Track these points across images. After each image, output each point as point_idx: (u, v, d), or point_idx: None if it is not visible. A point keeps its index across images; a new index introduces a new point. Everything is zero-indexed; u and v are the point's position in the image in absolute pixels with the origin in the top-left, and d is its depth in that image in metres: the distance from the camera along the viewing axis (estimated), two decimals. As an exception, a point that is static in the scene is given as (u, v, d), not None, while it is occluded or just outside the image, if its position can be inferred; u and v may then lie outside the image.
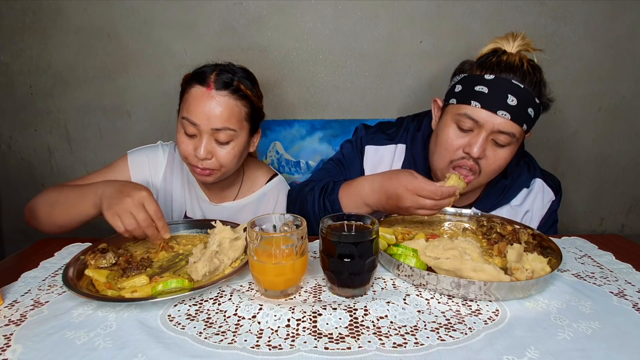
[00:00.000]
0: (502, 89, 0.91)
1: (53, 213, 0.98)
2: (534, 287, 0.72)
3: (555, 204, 1.12)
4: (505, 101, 0.90)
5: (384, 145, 1.15)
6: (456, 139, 0.97)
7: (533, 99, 0.92)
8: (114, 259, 0.82)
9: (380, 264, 0.82)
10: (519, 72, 0.91)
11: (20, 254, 0.94)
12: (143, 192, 0.85)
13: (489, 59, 0.95)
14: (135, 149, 1.16)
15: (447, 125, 0.99)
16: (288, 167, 1.68)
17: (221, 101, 0.98)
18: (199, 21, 1.54)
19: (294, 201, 1.13)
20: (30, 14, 1.54)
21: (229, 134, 1.00)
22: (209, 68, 1.02)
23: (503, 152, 0.96)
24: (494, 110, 0.91)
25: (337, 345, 0.60)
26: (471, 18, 1.55)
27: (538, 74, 0.94)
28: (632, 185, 1.77)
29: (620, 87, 1.64)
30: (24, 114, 1.65)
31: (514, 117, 0.91)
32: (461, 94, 0.96)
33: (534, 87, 0.92)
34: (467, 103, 0.94)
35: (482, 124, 0.93)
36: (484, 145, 0.94)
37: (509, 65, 0.92)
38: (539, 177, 1.12)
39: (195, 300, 0.72)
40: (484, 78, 0.93)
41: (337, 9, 1.54)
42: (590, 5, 1.54)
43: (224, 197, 1.18)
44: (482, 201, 1.10)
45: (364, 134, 1.18)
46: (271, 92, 1.61)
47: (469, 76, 0.96)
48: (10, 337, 0.62)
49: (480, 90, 0.92)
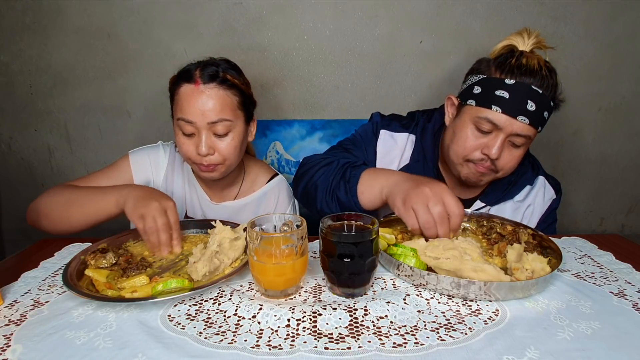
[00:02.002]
0: (523, 94, 0.92)
1: (69, 211, 0.97)
2: (534, 287, 0.71)
3: (555, 202, 1.15)
4: (525, 107, 0.92)
5: (399, 133, 1.16)
6: (475, 140, 0.99)
7: (549, 103, 0.95)
8: (114, 259, 0.82)
9: (380, 264, 0.82)
10: (538, 77, 0.92)
11: (20, 254, 0.94)
12: (170, 202, 0.89)
13: (508, 61, 0.95)
14: (137, 149, 1.16)
15: (466, 125, 1.00)
16: (288, 167, 1.68)
17: (211, 94, 0.99)
18: (199, 21, 1.55)
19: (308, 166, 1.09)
20: (30, 14, 1.54)
21: (225, 125, 1.01)
22: (192, 66, 1.03)
23: (517, 151, 0.99)
24: (514, 115, 0.93)
25: (337, 345, 0.60)
26: (471, 18, 1.55)
27: (554, 77, 0.95)
28: (632, 185, 1.77)
29: (620, 87, 1.64)
30: (24, 114, 1.65)
31: (532, 122, 0.94)
32: (481, 97, 0.97)
33: (550, 90, 0.94)
34: (488, 107, 0.95)
35: (501, 127, 0.95)
36: (502, 147, 0.96)
37: (529, 69, 0.93)
38: (542, 175, 1.15)
39: (195, 300, 0.72)
40: (505, 83, 0.93)
41: (337, 9, 1.54)
42: (590, 5, 1.54)
43: (224, 197, 1.19)
44: (487, 195, 1.12)
45: (380, 119, 1.19)
46: (271, 92, 1.61)
47: (489, 79, 0.96)
48: (10, 337, 0.62)
49: (501, 95, 0.93)
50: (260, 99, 1.14)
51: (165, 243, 0.87)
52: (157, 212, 0.85)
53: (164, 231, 0.86)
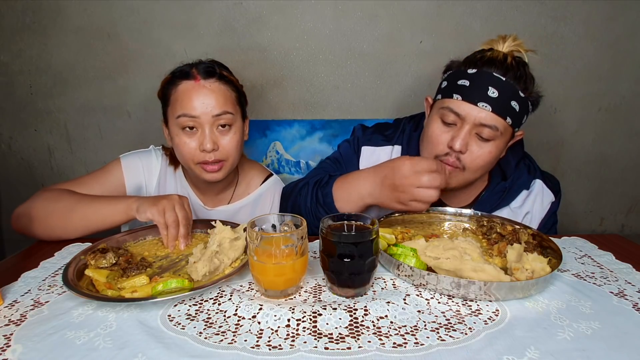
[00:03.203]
0: (483, 81, 0.92)
1: (71, 218, 0.96)
2: (534, 287, 0.71)
3: (555, 205, 1.12)
4: (486, 93, 0.92)
5: (381, 147, 1.16)
6: (441, 134, 0.98)
7: (517, 92, 0.93)
8: (114, 259, 0.82)
9: (380, 264, 0.82)
10: (503, 66, 0.93)
11: (20, 254, 0.94)
12: (185, 198, 0.96)
13: (475, 56, 0.97)
14: (128, 153, 1.14)
15: (433, 120, 1.01)
16: (288, 167, 1.68)
17: (213, 87, 1.01)
18: (199, 21, 1.54)
19: (287, 196, 1.12)
20: (30, 14, 1.54)
21: (229, 117, 1.03)
22: (185, 66, 1.05)
23: (488, 146, 0.96)
24: (474, 102, 0.92)
25: (337, 345, 0.60)
26: (471, 18, 1.55)
27: (522, 68, 0.94)
28: (632, 185, 1.77)
29: (620, 87, 1.64)
30: (24, 114, 1.65)
31: (495, 109, 0.92)
32: (445, 89, 0.99)
33: (518, 80, 0.93)
34: (450, 97, 0.96)
35: (464, 116, 0.94)
36: (467, 139, 0.95)
37: (491, 59, 0.94)
38: (539, 178, 1.12)
39: (195, 300, 0.72)
40: (467, 72, 0.95)
41: (337, 9, 1.54)
42: (590, 5, 1.54)
43: (218, 201, 1.17)
44: (481, 203, 1.10)
45: (361, 134, 1.18)
46: (271, 92, 1.61)
47: (454, 72, 0.99)
48: (10, 337, 0.62)
49: (462, 84, 0.94)
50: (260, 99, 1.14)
51: (184, 235, 0.91)
52: (177, 205, 0.91)
53: (184, 224, 0.91)
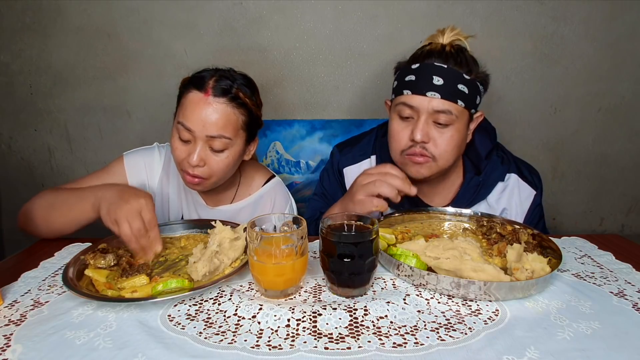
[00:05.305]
0: (427, 72, 0.97)
1: (51, 215, 0.96)
2: (534, 287, 0.71)
3: (537, 198, 1.11)
4: (432, 82, 0.96)
5: (359, 162, 1.20)
6: (401, 130, 1.02)
7: (461, 76, 0.96)
8: (114, 260, 0.82)
9: (380, 264, 0.82)
10: (441, 55, 0.97)
11: (20, 254, 0.94)
12: (142, 200, 0.84)
13: (416, 52, 1.02)
14: (131, 151, 1.14)
15: (392, 118, 1.05)
16: (288, 167, 1.68)
17: (218, 108, 0.96)
18: (199, 21, 1.54)
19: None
20: (30, 14, 1.54)
21: (223, 142, 0.98)
22: (208, 73, 1.00)
23: (448, 131, 0.99)
24: (423, 92, 0.96)
25: (337, 345, 0.60)
26: (471, 18, 1.55)
27: (462, 54, 0.98)
28: (632, 185, 1.77)
29: (620, 87, 1.64)
30: (24, 114, 1.65)
31: (444, 96, 0.95)
32: (396, 88, 1.03)
33: (460, 65, 0.96)
34: (401, 93, 1.00)
35: (417, 108, 0.98)
36: (426, 129, 0.98)
37: (430, 51, 0.99)
38: (514, 172, 1.11)
39: (195, 300, 0.72)
40: (411, 68, 0.99)
41: (337, 9, 1.54)
42: (590, 5, 1.54)
43: (220, 201, 1.17)
44: (458, 200, 1.10)
45: (339, 157, 1.22)
46: (271, 92, 1.61)
47: (401, 70, 1.03)
48: (10, 337, 0.62)
49: (409, 80, 0.99)
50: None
51: (147, 247, 0.84)
52: (130, 215, 0.81)
53: (140, 236, 0.82)
